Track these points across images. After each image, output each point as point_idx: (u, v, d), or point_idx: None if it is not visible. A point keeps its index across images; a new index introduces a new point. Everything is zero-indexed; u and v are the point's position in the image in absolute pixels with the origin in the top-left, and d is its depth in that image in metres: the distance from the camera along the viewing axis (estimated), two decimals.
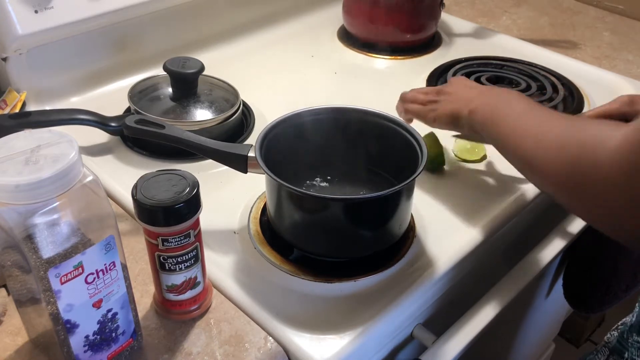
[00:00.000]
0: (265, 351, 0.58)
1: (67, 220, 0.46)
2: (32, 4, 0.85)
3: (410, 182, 0.63)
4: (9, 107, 0.87)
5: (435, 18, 1.16)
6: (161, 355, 0.57)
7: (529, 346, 1.31)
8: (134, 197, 0.53)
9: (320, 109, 0.73)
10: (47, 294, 0.47)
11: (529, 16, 1.34)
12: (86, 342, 0.51)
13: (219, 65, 0.99)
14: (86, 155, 0.83)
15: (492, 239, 0.74)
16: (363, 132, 0.74)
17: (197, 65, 0.86)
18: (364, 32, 1.15)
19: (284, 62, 1.10)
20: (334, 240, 0.68)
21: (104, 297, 0.51)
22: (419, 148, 0.68)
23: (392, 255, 0.69)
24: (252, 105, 0.95)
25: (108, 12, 0.93)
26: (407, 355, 0.73)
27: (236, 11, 1.15)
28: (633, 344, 0.73)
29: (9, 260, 0.49)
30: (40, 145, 0.45)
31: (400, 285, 0.66)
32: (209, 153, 0.69)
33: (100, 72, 0.99)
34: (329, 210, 0.65)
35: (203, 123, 0.84)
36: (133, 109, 0.85)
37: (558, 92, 1.02)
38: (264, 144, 0.67)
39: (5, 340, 0.57)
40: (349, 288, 0.66)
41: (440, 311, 0.74)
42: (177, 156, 0.82)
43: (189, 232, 0.55)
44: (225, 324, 0.61)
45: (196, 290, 0.60)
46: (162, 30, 1.05)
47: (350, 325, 0.62)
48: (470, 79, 0.86)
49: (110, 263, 0.50)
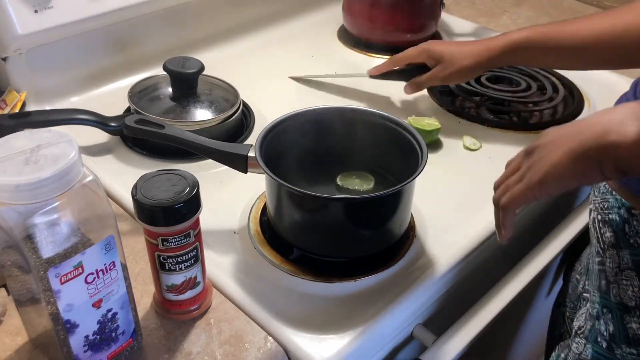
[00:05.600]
0: (265, 351, 0.58)
1: (67, 220, 0.46)
2: (32, 3, 0.85)
3: (410, 182, 0.63)
4: (8, 107, 0.87)
5: (435, 18, 1.16)
6: (161, 355, 0.57)
7: (529, 346, 1.31)
8: (134, 197, 0.53)
9: (320, 109, 0.73)
10: (47, 294, 0.47)
11: (529, 16, 1.34)
12: (86, 342, 0.51)
13: (219, 65, 0.99)
14: (86, 155, 0.83)
15: (492, 239, 0.74)
16: (363, 132, 0.74)
17: (197, 65, 0.86)
18: (364, 32, 1.15)
19: (284, 62, 1.10)
20: (334, 240, 0.68)
21: (104, 297, 0.51)
22: (419, 148, 0.68)
23: (392, 255, 0.69)
24: (252, 105, 0.95)
25: (108, 12, 0.93)
26: (407, 355, 0.73)
27: (236, 11, 1.15)
28: (625, 356, 0.69)
29: (9, 260, 0.49)
30: (40, 145, 0.45)
31: (400, 285, 0.66)
32: (209, 153, 0.69)
33: (100, 72, 0.99)
34: (329, 210, 0.65)
35: (203, 123, 0.84)
36: (133, 109, 0.85)
37: (558, 92, 1.02)
38: (264, 144, 0.67)
39: (5, 340, 0.57)
40: (349, 288, 0.66)
41: (440, 311, 0.74)
42: (177, 156, 0.82)
43: (189, 232, 0.55)
44: (225, 324, 0.61)
45: (196, 290, 0.60)
46: (162, 30, 1.05)
47: (350, 325, 0.62)
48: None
49: (110, 263, 0.50)
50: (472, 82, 1.03)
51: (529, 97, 1.00)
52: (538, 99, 1.00)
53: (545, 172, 0.53)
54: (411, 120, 0.86)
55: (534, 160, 0.55)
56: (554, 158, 0.52)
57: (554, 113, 0.98)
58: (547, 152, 0.53)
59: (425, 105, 0.98)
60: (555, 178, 0.52)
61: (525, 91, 1.01)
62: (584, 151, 0.50)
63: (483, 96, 0.99)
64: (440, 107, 0.97)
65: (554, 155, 0.52)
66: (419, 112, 0.93)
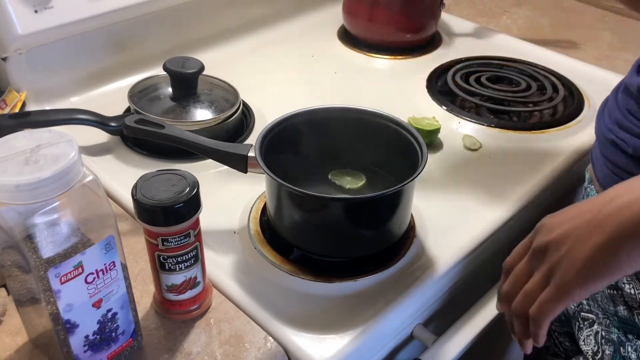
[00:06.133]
0: (265, 351, 0.58)
1: (67, 220, 0.46)
2: (32, 3, 0.85)
3: (410, 182, 0.63)
4: (8, 107, 0.87)
5: (435, 18, 1.16)
6: (161, 355, 0.57)
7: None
8: (134, 197, 0.53)
9: (321, 109, 0.73)
10: (47, 294, 0.47)
11: (529, 16, 1.34)
12: (86, 342, 0.51)
13: (219, 65, 0.99)
14: (86, 155, 0.83)
15: (492, 239, 0.74)
16: (363, 132, 0.74)
17: (197, 65, 0.86)
18: (364, 32, 1.14)
19: (284, 62, 1.10)
20: (334, 240, 0.68)
21: (104, 297, 0.51)
22: (419, 148, 0.68)
23: (392, 255, 0.69)
24: (252, 105, 0.95)
25: (108, 12, 0.93)
26: (407, 355, 0.73)
27: (236, 11, 1.15)
28: None
29: (9, 260, 0.49)
30: (40, 145, 0.45)
31: (400, 285, 0.66)
32: (209, 153, 0.69)
33: (100, 72, 0.99)
34: (329, 210, 0.65)
35: (203, 123, 0.84)
36: (133, 109, 0.85)
37: (558, 92, 1.02)
38: (264, 144, 0.67)
39: (5, 340, 0.57)
40: (349, 288, 0.66)
41: (440, 311, 0.74)
42: (177, 156, 0.82)
43: (188, 232, 0.55)
44: (225, 324, 0.61)
45: (196, 290, 0.60)
46: (162, 30, 1.05)
47: (350, 325, 0.62)
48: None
49: (110, 263, 0.50)
50: (472, 82, 1.03)
51: (529, 97, 1.00)
52: (538, 99, 1.00)
53: (580, 271, 0.47)
54: (411, 120, 0.86)
55: (556, 259, 0.48)
56: (585, 254, 0.46)
57: (554, 113, 0.98)
58: (569, 249, 0.47)
59: (425, 105, 0.97)
60: (597, 275, 0.46)
61: (525, 91, 1.01)
62: (622, 241, 0.45)
63: (483, 96, 0.99)
64: (440, 107, 0.97)
65: (583, 250, 0.46)
66: (419, 112, 0.93)
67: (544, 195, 0.81)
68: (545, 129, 0.93)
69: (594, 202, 0.49)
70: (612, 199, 0.48)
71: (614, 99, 0.69)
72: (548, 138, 0.91)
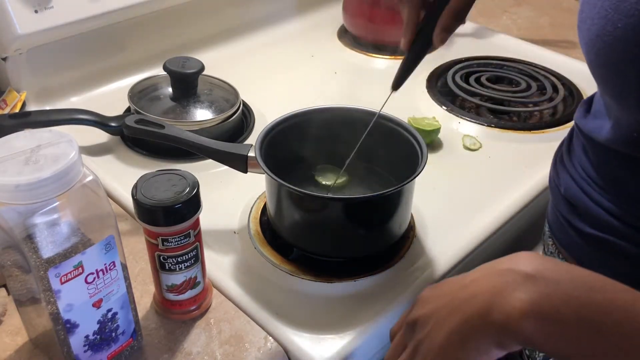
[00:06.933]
0: (265, 351, 0.58)
1: (67, 220, 0.46)
2: (32, 3, 0.85)
3: (410, 182, 0.63)
4: (9, 107, 0.87)
5: None
6: (161, 355, 0.57)
7: None
8: (134, 197, 0.53)
9: (321, 109, 0.73)
10: (47, 294, 0.47)
11: (529, 16, 1.34)
12: (86, 342, 0.51)
13: (219, 65, 0.99)
14: (86, 155, 0.83)
15: (492, 239, 0.74)
16: (363, 131, 0.73)
17: (197, 65, 0.86)
18: (364, 32, 1.15)
19: (284, 62, 1.10)
20: (334, 240, 0.67)
21: (104, 297, 0.51)
22: (419, 148, 0.68)
23: (392, 255, 0.69)
24: (252, 105, 0.95)
25: (108, 12, 0.93)
26: None
27: (236, 11, 1.15)
28: None
29: (9, 260, 0.49)
30: (40, 145, 0.45)
31: (400, 285, 0.66)
32: (209, 153, 0.69)
33: (100, 72, 0.99)
34: (329, 210, 0.65)
35: (203, 123, 0.84)
36: (133, 109, 0.85)
37: (558, 92, 1.02)
38: (264, 144, 0.67)
39: (5, 340, 0.57)
40: (349, 288, 0.66)
41: None
42: (177, 156, 0.82)
43: (189, 232, 0.55)
44: (225, 323, 0.61)
45: (196, 290, 0.60)
46: (162, 30, 1.05)
47: (350, 325, 0.62)
48: None
49: (110, 263, 0.50)
50: (472, 82, 1.03)
51: (529, 97, 1.00)
52: (538, 99, 1.00)
53: (437, 355, 0.45)
54: (411, 120, 0.86)
55: (421, 337, 0.47)
56: (440, 339, 0.45)
57: (554, 113, 0.98)
58: (429, 331, 0.46)
59: (425, 105, 0.98)
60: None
61: (525, 91, 1.01)
62: (470, 333, 0.43)
63: (483, 96, 0.99)
64: (440, 107, 0.97)
65: (439, 335, 0.45)
66: (419, 112, 0.93)
67: (544, 195, 0.81)
68: (545, 129, 0.93)
69: (457, 282, 0.48)
70: (466, 285, 0.46)
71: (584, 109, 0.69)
72: (548, 138, 0.91)
